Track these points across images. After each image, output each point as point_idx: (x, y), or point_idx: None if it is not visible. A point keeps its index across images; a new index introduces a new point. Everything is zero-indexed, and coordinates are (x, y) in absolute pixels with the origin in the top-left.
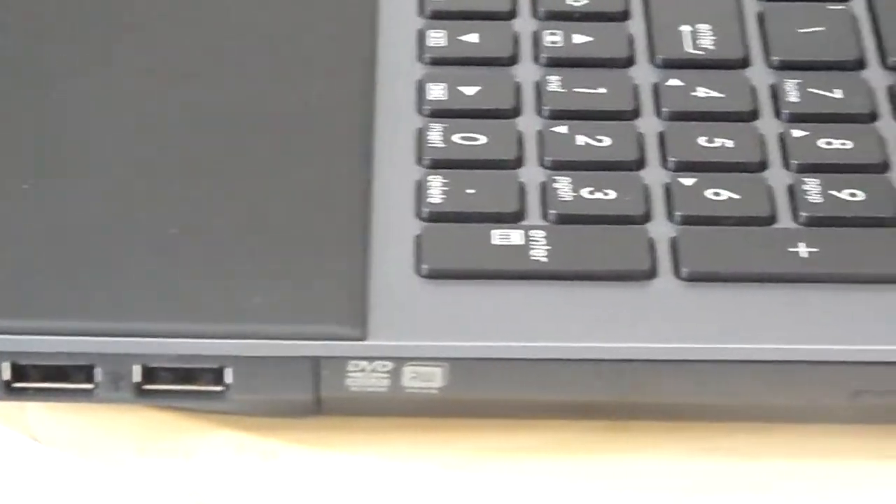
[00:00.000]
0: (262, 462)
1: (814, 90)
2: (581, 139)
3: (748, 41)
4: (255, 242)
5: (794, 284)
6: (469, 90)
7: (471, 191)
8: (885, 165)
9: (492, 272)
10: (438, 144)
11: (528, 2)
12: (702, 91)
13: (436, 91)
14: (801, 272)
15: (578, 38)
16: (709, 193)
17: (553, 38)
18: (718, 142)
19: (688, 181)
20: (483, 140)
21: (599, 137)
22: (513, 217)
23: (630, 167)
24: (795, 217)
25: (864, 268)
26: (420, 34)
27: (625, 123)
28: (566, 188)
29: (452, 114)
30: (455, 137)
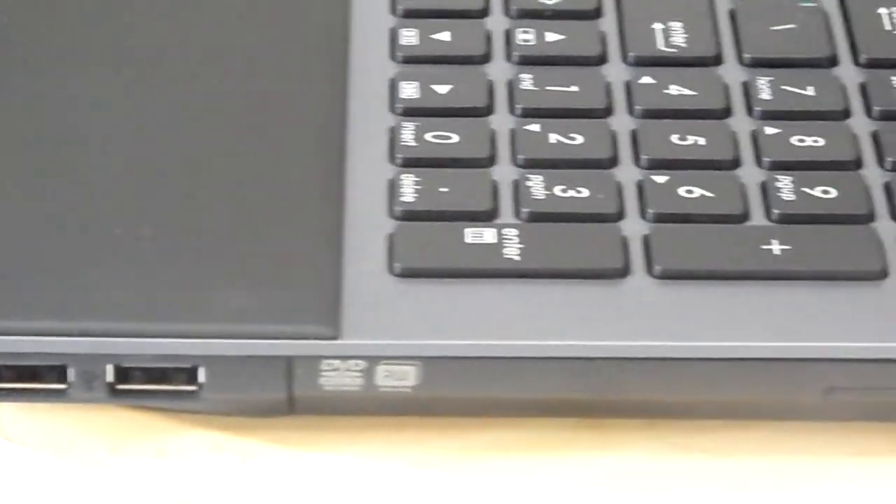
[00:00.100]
0: (236, 462)
1: (786, 87)
2: (554, 137)
3: (720, 39)
4: (228, 242)
5: (767, 282)
6: (441, 88)
7: (444, 189)
8: (858, 162)
9: (465, 271)
10: (411, 143)
11: (501, 0)
12: (674, 89)
13: (408, 89)
14: (774, 269)
15: (551, 37)
16: (681, 191)
17: (525, 37)
18: (691, 139)
19: (660, 179)
20: (456, 138)
21: (572, 135)
22: (486, 215)
23: (603, 165)
24: (768, 214)
25: (837, 265)
26: (392, 32)
27: (597, 121)
28: (539, 186)
29: (425, 112)
30: (428, 136)
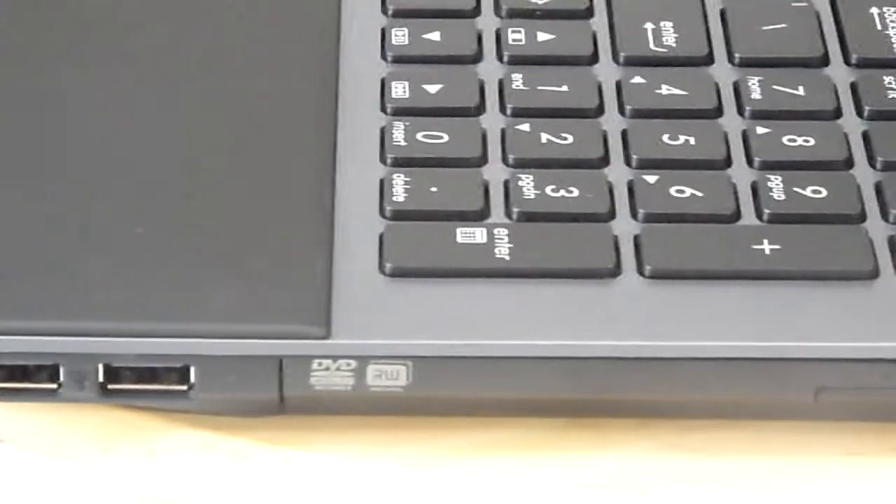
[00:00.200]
0: (227, 461)
1: (777, 87)
2: (544, 137)
3: (711, 39)
4: (219, 242)
5: (758, 282)
6: (432, 88)
7: (434, 189)
8: (848, 162)
9: (456, 270)
10: (401, 143)
11: (491, 0)
12: (665, 89)
13: (399, 89)
14: (765, 269)
15: (541, 36)
16: (672, 191)
17: (516, 36)
18: (682, 139)
19: (651, 179)
20: (446, 138)
21: (563, 135)
22: (476, 215)
23: (593, 165)
24: (759, 214)
25: (828, 265)
26: (383, 32)
27: (588, 121)
28: (529, 186)
29: (416, 112)
30: (418, 136)
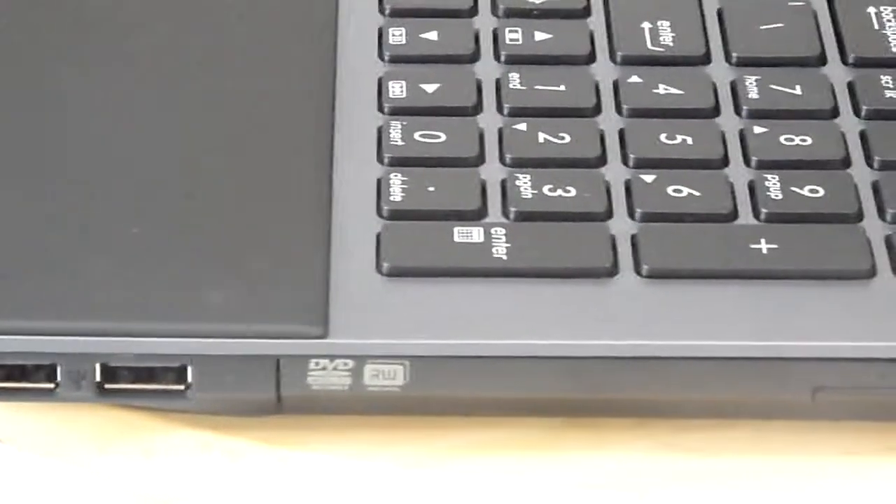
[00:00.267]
0: (225, 461)
1: (774, 87)
2: (542, 137)
3: (708, 38)
4: (217, 241)
5: (755, 281)
6: (429, 88)
7: (431, 188)
8: (846, 161)
9: (453, 270)
10: (399, 142)
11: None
12: (662, 88)
13: (396, 89)
14: (762, 269)
15: (539, 36)
16: (669, 190)
17: (513, 36)
18: (679, 139)
19: (648, 178)
20: (443, 137)
21: (560, 135)
22: (474, 215)
23: (591, 164)
24: (756, 214)
25: (825, 264)
26: (380, 32)
27: (585, 121)
28: (527, 186)
29: (413, 111)
30: (415, 135)
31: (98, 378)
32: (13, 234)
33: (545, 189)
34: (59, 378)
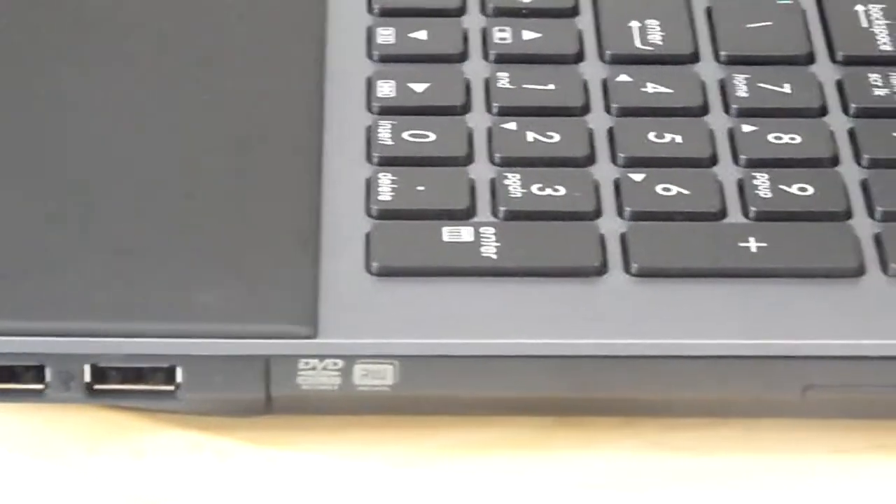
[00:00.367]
0: (214, 461)
1: (763, 85)
2: (530, 136)
3: (697, 36)
4: (205, 242)
5: (744, 279)
6: (418, 87)
7: (421, 188)
8: (834, 160)
9: (442, 269)
10: (388, 142)
11: None
12: (651, 87)
13: (385, 88)
14: (751, 267)
15: (527, 35)
16: (658, 189)
17: (502, 35)
18: (668, 137)
19: (637, 177)
20: (432, 137)
21: (549, 134)
22: (463, 214)
23: (579, 163)
24: (745, 212)
25: (814, 262)
26: (369, 31)
27: (574, 119)
28: (516, 185)
29: (402, 111)
30: (404, 134)
31: (87, 379)
32: (2, 235)
33: (534, 188)
34: (48, 379)
